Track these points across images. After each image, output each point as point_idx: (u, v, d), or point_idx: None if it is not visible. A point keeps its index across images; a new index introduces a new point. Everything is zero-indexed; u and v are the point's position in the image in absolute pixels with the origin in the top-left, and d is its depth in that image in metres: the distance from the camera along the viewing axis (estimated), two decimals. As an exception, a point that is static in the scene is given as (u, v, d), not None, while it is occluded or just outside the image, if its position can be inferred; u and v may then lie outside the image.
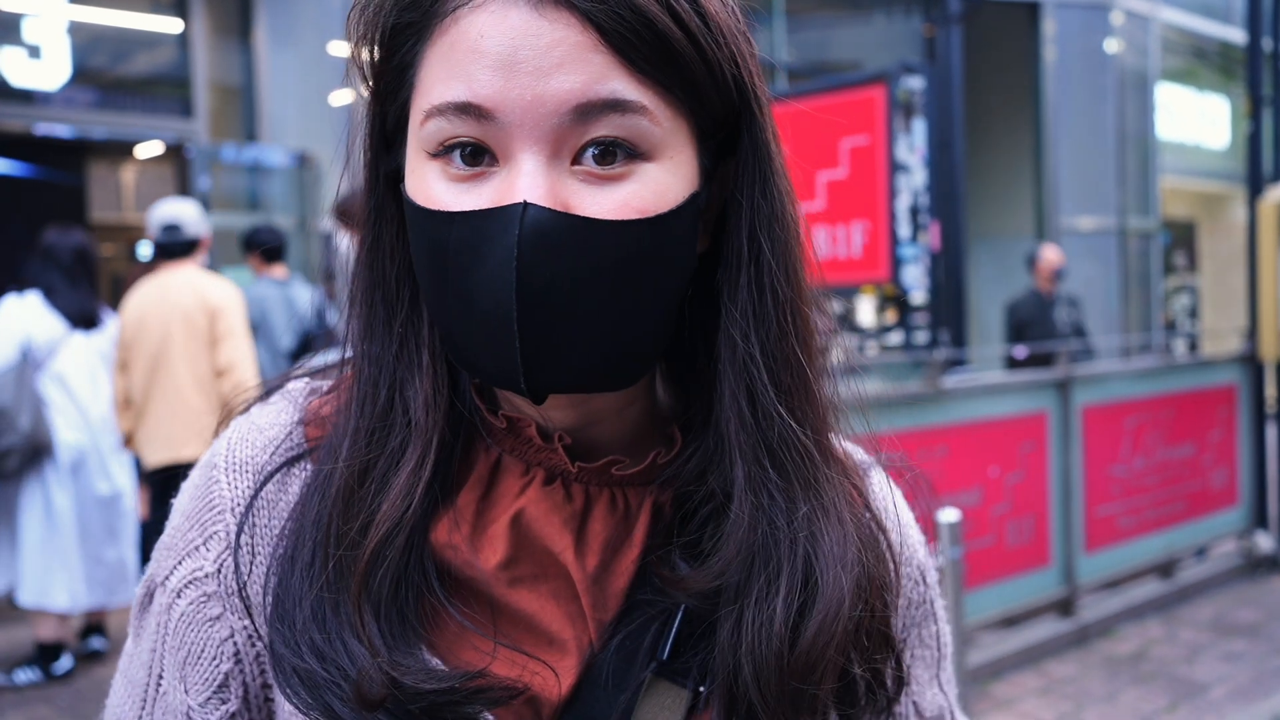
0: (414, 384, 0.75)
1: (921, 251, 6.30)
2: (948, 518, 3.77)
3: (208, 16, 8.31)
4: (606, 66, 0.67)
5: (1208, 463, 6.83)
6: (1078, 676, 5.19)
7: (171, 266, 4.88)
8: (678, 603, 0.76)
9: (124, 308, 4.83)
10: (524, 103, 0.66)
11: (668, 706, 0.74)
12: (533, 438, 0.76)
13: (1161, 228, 12.63)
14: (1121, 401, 6.19)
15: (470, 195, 0.69)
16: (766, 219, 0.74)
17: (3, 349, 4.96)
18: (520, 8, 0.67)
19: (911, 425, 4.89)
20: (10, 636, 5.89)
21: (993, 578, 5.29)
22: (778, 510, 0.73)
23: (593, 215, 0.67)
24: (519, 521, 0.75)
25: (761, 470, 0.73)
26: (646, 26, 0.67)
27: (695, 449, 0.77)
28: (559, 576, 0.76)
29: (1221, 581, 6.72)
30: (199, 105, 8.20)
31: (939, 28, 8.29)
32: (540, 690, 0.73)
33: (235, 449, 0.80)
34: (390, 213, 0.77)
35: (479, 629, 0.73)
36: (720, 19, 0.71)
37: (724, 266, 0.75)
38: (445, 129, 0.69)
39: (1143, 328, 12.11)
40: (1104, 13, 11.79)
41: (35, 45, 7.61)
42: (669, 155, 0.70)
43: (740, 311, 0.74)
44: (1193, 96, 13.57)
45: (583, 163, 0.68)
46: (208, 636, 0.77)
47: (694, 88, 0.70)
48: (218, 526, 0.78)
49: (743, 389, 0.73)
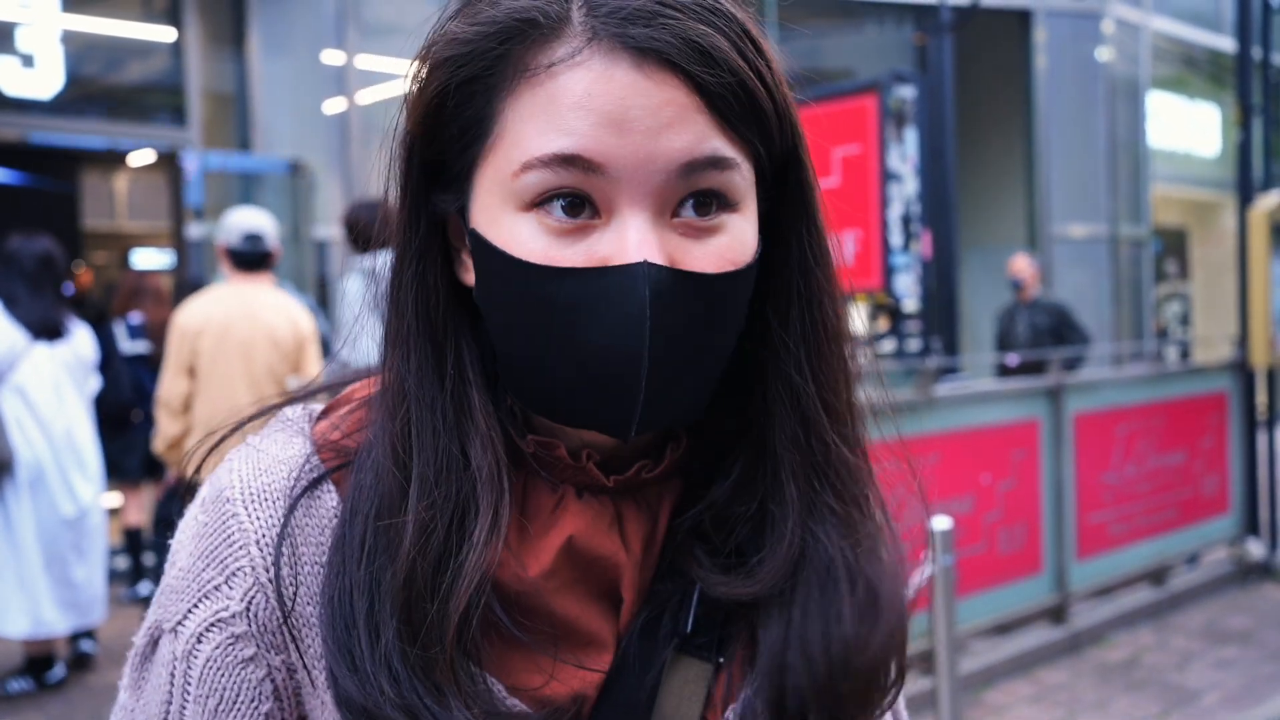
0: (468, 425, 0.76)
1: (913, 260, 6.32)
2: (939, 525, 3.78)
3: (201, 25, 8.31)
4: (708, 126, 0.70)
5: (1199, 470, 6.85)
6: (1070, 684, 5.20)
7: (249, 278, 4.67)
8: (692, 585, 0.80)
9: (193, 312, 4.57)
10: (636, 160, 0.68)
11: (692, 680, 0.78)
12: (562, 458, 0.78)
13: (1153, 235, 12.67)
14: (1113, 409, 6.21)
15: (572, 249, 0.70)
16: (815, 256, 0.79)
17: None
18: (624, 67, 0.69)
19: (903, 433, 4.89)
20: (4, 647, 5.88)
21: (984, 585, 5.30)
22: (832, 526, 0.78)
23: (698, 270, 0.71)
24: (571, 542, 0.77)
25: (812, 490, 0.78)
26: (741, 87, 0.70)
27: (739, 464, 0.81)
28: (592, 578, 0.78)
29: (1213, 589, 6.73)
30: (192, 114, 8.20)
31: (930, 36, 8.32)
32: (583, 688, 0.77)
33: (250, 481, 0.78)
34: (434, 255, 0.77)
35: (539, 647, 0.76)
36: (779, 70, 0.75)
37: (773, 300, 0.79)
38: (548, 180, 0.69)
39: (1134, 335, 12.15)
40: (1095, 21, 11.84)
41: (29, 54, 7.60)
42: (748, 205, 0.75)
43: (794, 343, 0.78)
44: (1183, 104, 13.63)
45: (681, 215, 0.71)
46: (243, 679, 0.75)
47: (767, 138, 0.74)
48: (241, 562, 0.76)
49: (796, 415, 0.78)
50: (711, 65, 0.69)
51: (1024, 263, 8.25)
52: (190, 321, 4.53)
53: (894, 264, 6.27)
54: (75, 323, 5.25)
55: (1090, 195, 11.78)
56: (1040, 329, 7.94)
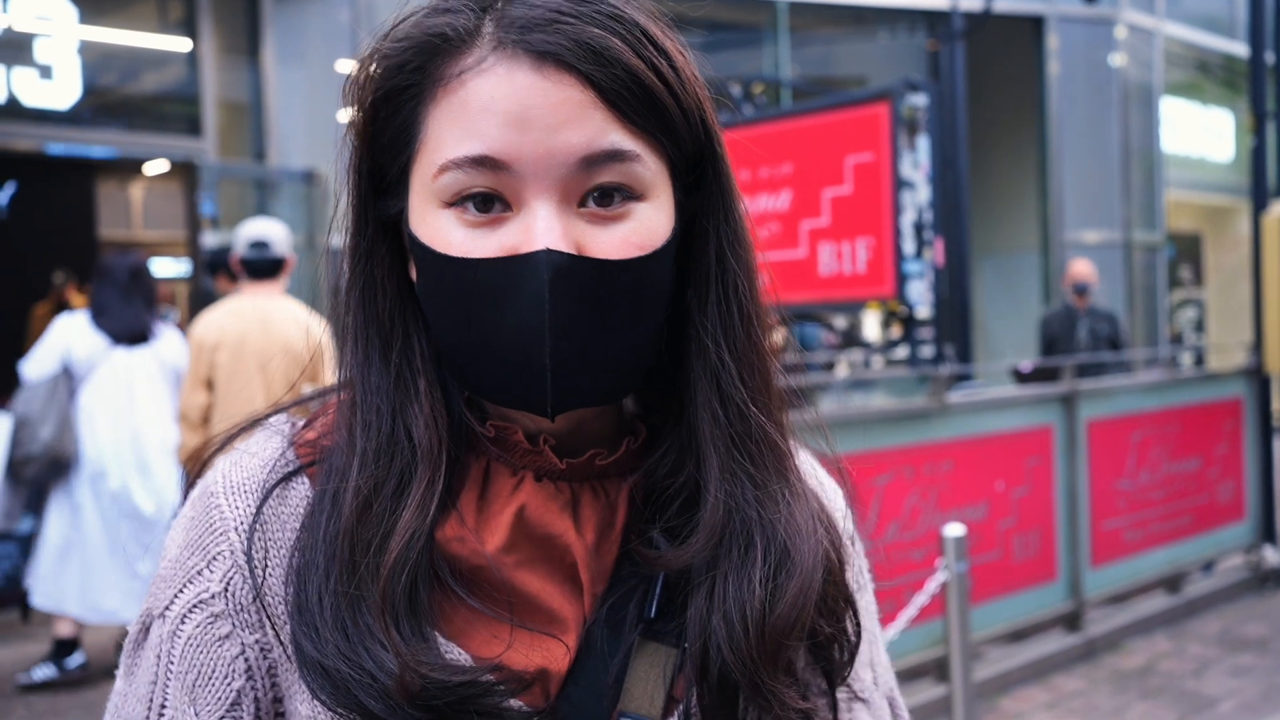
0: (414, 408, 0.82)
1: (926, 267, 6.32)
2: (953, 532, 3.78)
3: (216, 35, 8.38)
4: (605, 121, 0.76)
5: (1214, 476, 6.82)
6: (1085, 691, 5.18)
7: (260, 287, 4.69)
8: (657, 572, 0.84)
9: (209, 324, 4.60)
10: (537, 155, 0.75)
11: (657, 664, 0.82)
12: (520, 443, 0.83)
13: (1167, 241, 12.64)
14: (1127, 415, 6.20)
15: (487, 240, 0.77)
16: (730, 243, 0.84)
17: (43, 363, 5.21)
18: (525, 70, 0.75)
19: (917, 440, 4.90)
20: (22, 651, 5.93)
21: (999, 592, 5.29)
22: (749, 494, 0.83)
23: (602, 255, 0.77)
24: (522, 515, 0.82)
25: (733, 460, 0.83)
26: (636, 83, 0.76)
27: (670, 444, 0.86)
28: (553, 559, 0.83)
29: (1229, 596, 6.71)
30: (207, 123, 8.26)
31: (943, 43, 8.33)
32: (548, 665, 0.80)
33: (230, 474, 0.84)
34: (382, 254, 0.84)
35: (496, 614, 0.80)
36: (686, 69, 0.81)
37: (694, 285, 0.85)
38: (461, 180, 0.76)
39: (1148, 341, 12.11)
40: (1108, 27, 11.83)
41: (47, 65, 7.68)
42: (656, 195, 0.80)
43: (711, 324, 0.83)
44: (1197, 110, 13.60)
45: (587, 205, 0.77)
46: (218, 656, 0.79)
47: (673, 133, 0.80)
48: (221, 547, 0.81)
49: (714, 390, 0.83)
50: (604, 64, 0.75)
51: (1088, 268, 7.97)
52: (207, 335, 4.56)
53: (907, 271, 6.27)
54: (164, 329, 5.51)
55: (1104, 201, 11.76)
56: (1101, 336, 7.81)
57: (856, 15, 11.44)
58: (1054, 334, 8.00)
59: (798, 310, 7.40)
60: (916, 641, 4.63)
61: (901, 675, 4.68)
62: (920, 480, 4.88)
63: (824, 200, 6.64)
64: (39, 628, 6.36)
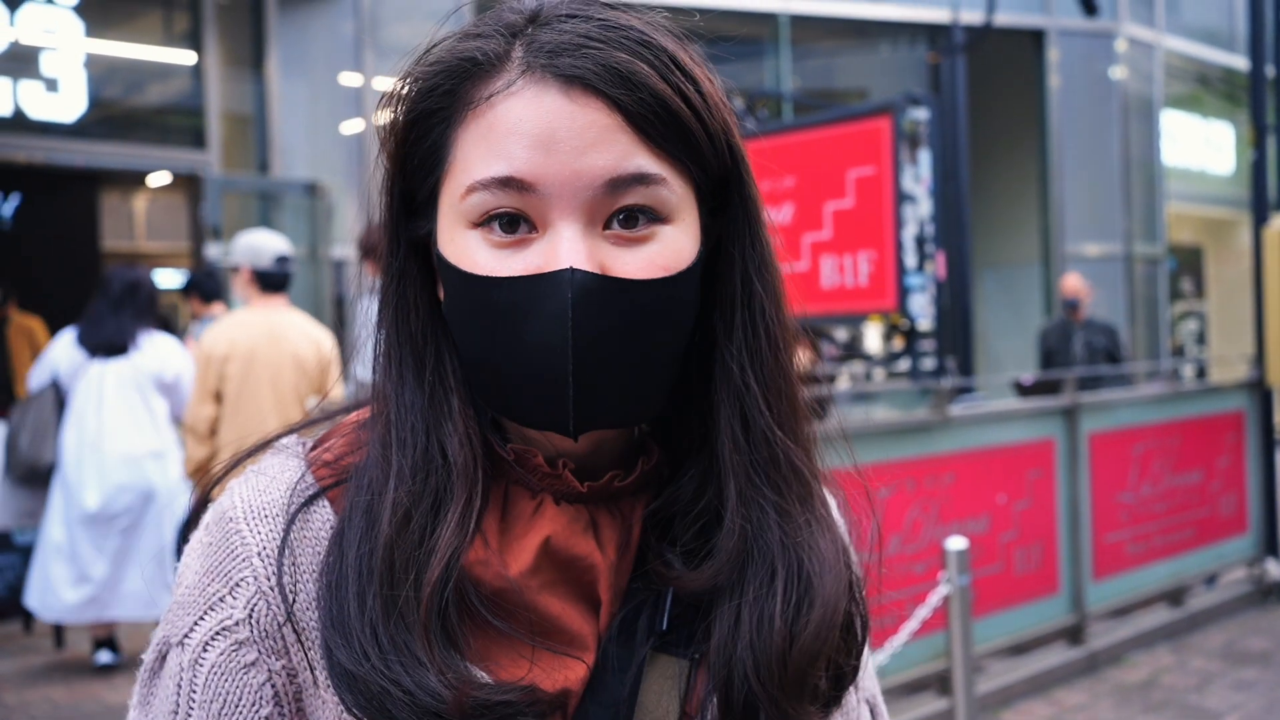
0: (448, 426, 0.82)
1: (928, 280, 6.33)
2: (955, 545, 3.79)
3: (220, 48, 8.41)
4: (631, 144, 0.77)
5: (1216, 489, 6.82)
6: (1088, 705, 5.18)
7: (269, 300, 4.70)
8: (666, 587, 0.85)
9: (219, 336, 4.59)
10: (563, 177, 0.76)
11: (670, 676, 0.83)
12: (540, 465, 0.83)
13: (1168, 254, 12.65)
14: (1129, 428, 6.20)
15: (513, 260, 0.78)
16: (757, 266, 0.85)
17: (38, 377, 5.58)
18: (553, 94, 0.76)
19: (919, 453, 4.90)
20: (24, 662, 5.93)
21: (1001, 605, 5.29)
22: (771, 519, 0.83)
23: (627, 275, 0.77)
24: (549, 543, 0.83)
25: (753, 487, 0.83)
26: (663, 108, 0.77)
27: (693, 470, 0.86)
28: (573, 580, 0.83)
29: (1232, 609, 6.70)
30: (211, 136, 8.29)
31: (944, 57, 8.36)
32: (568, 684, 0.81)
33: (249, 499, 0.84)
34: (414, 274, 0.85)
35: (519, 635, 0.80)
36: (713, 95, 0.81)
37: (720, 308, 0.85)
38: (488, 201, 0.77)
39: (1150, 354, 12.12)
40: (1108, 40, 11.87)
41: (53, 78, 7.71)
42: (682, 218, 0.80)
43: (736, 348, 0.84)
44: (1198, 123, 13.63)
45: (612, 227, 0.78)
46: (245, 684, 0.79)
47: (699, 157, 0.81)
48: (244, 573, 0.80)
49: (738, 415, 0.83)
50: (631, 89, 0.75)
51: (1079, 282, 8.07)
52: (216, 346, 4.55)
53: (908, 284, 6.28)
54: (151, 339, 5.59)
55: (1104, 214, 11.78)
56: (1096, 349, 7.84)
57: (858, 29, 11.48)
58: (1050, 347, 8.08)
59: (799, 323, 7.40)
60: (918, 655, 4.63)
61: (903, 688, 4.67)
62: (922, 493, 4.88)
63: (826, 213, 6.65)
64: (41, 638, 6.36)
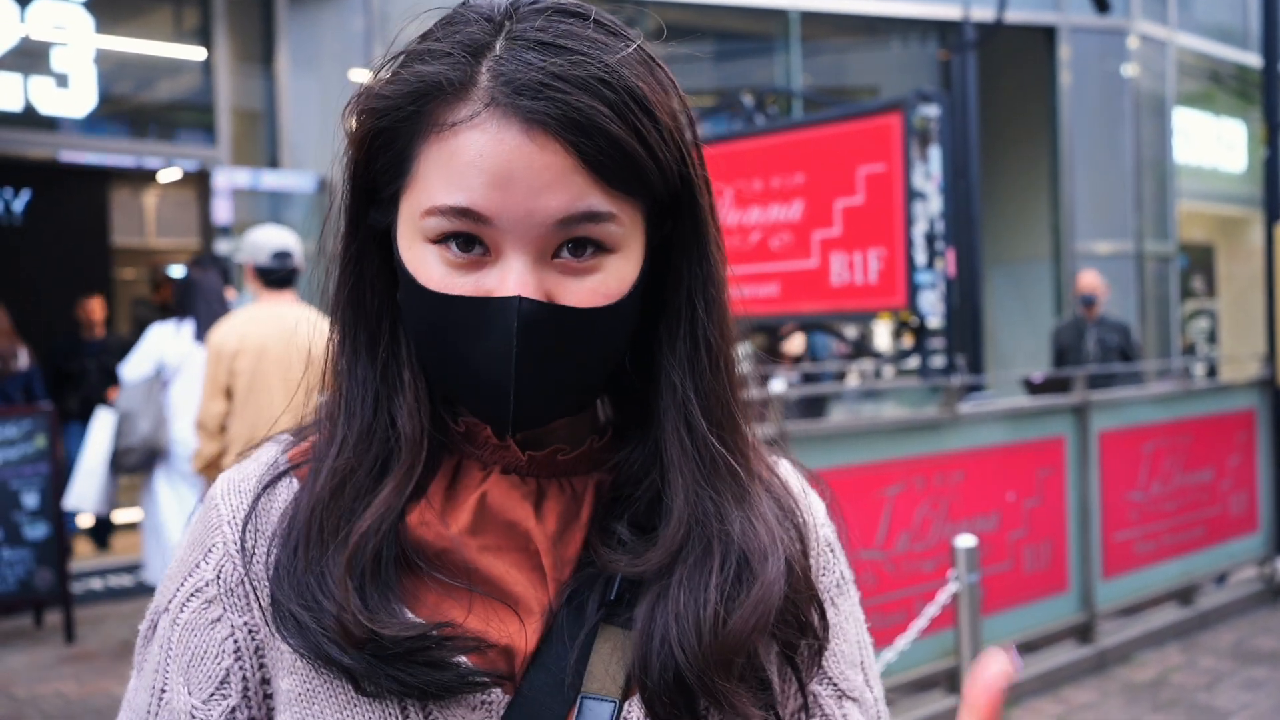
0: (398, 399, 0.88)
1: (938, 277, 6.31)
2: (965, 543, 3.78)
3: (230, 44, 8.43)
4: (586, 185, 0.80)
5: (1226, 488, 6.80)
6: (1097, 703, 5.16)
7: (277, 296, 4.70)
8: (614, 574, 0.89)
9: (229, 332, 4.59)
10: (518, 214, 0.80)
11: (618, 648, 0.86)
12: (489, 439, 0.89)
13: (1179, 252, 12.60)
14: (1139, 427, 6.18)
15: (465, 279, 0.83)
16: (702, 283, 0.89)
17: (140, 365, 5.82)
18: (514, 131, 0.79)
19: (928, 450, 4.90)
20: (35, 657, 5.95)
21: (1010, 603, 5.28)
22: (710, 514, 0.87)
23: (571, 304, 0.82)
24: (484, 501, 0.88)
25: (698, 485, 0.88)
26: (618, 150, 0.80)
27: (636, 448, 0.91)
28: (520, 549, 0.88)
29: (1242, 608, 6.68)
30: (221, 131, 8.31)
31: (955, 53, 8.34)
32: (511, 643, 0.85)
33: (229, 477, 0.93)
34: (372, 256, 0.90)
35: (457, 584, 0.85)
36: (669, 122, 0.84)
37: (665, 321, 0.90)
38: (445, 225, 0.82)
39: (1161, 352, 12.08)
40: (1120, 37, 11.82)
41: (63, 74, 7.73)
42: (628, 245, 0.85)
43: (679, 359, 0.89)
44: (1210, 120, 13.57)
45: (561, 255, 0.83)
46: (209, 638, 0.86)
47: (649, 190, 0.84)
48: (215, 539, 0.89)
49: (682, 421, 0.88)
50: (588, 135, 0.79)
51: (1096, 279, 8.04)
52: (226, 342, 4.54)
53: (918, 282, 6.26)
54: None
55: (1116, 212, 11.74)
56: (1110, 346, 7.82)
57: (868, 25, 11.46)
58: (1064, 345, 8.04)
59: (809, 320, 7.40)
60: (928, 652, 4.62)
61: (912, 686, 4.67)
62: (931, 491, 4.87)
63: (836, 210, 6.64)
64: (52, 632, 6.40)
